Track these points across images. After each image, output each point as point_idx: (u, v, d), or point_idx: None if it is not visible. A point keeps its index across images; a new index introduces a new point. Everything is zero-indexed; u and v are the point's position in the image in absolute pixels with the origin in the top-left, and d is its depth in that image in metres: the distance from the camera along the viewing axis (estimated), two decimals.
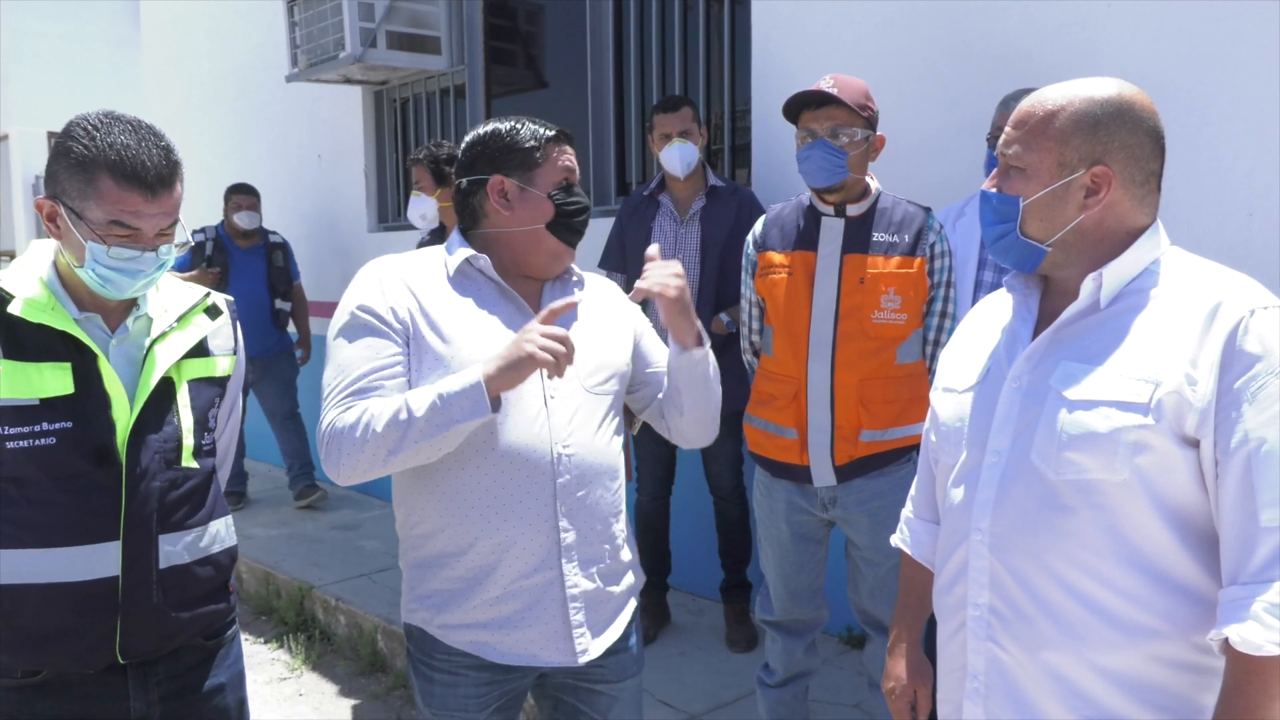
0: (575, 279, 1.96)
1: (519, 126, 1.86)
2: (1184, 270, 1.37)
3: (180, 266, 5.46)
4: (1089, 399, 1.31)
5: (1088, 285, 1.37)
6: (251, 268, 5.53)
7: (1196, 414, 1.25)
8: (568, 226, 1.87)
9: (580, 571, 1.83)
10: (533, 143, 1.85)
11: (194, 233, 5.55)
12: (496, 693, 1.87)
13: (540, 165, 1.85)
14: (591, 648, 1.86)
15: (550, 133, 1.87)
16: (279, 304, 5.61)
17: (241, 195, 5.53)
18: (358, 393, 1.73)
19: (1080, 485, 1.31)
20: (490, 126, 1.88)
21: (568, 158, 1.88)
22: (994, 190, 1.44)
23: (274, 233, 5.73)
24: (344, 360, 1.76)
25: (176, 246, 1.72)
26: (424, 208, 4.09)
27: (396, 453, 1.69)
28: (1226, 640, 1.21)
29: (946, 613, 1.51)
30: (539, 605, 1.81)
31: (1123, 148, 1.36)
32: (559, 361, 1.64)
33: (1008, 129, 1.42)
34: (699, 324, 1.91)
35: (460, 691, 1.85)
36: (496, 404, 1.67)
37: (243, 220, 5.48)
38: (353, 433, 1.70)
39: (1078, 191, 1.37)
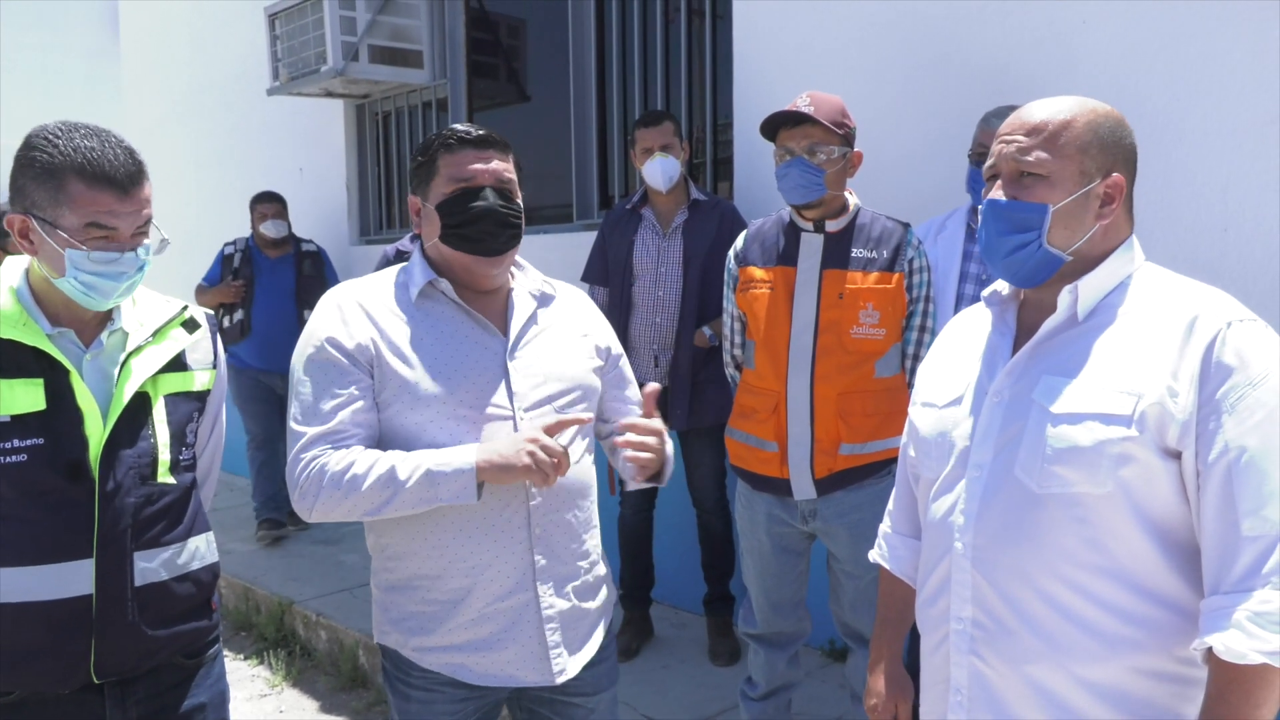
0: (546, 291, 1.93)
1: (425, 142, 1.82)
2: (1160, 285, 1.39)
3: (210, 281, 5.31)
4: (1073, 412, 1.32)
5: (1064, 298, 1.38)
6: (279, 279, 5.28)
7: (1178, 426, 1.27)
8: (460, 235, 1.77)
9: (555, 592, 1.83)
10: (423, 157, 1.81)
11: (225, 245, 5.38)
12: (472, 708, 1.87)
13: (434, 178, 1.80)
14: (569, 666, 1.85)
15: (447, 141, 1.78)
16: (307, 315, 5.28)
17: (266, 204, 5.30)
18: (331, 434, 1.72)
19: (1064, 498, 1.32)
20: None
21: (464, 165, 1.77)
22: (1009, 199, 1.39)
23: (307, 241, 5.48)
24: (312, 397, 1.74)
25: (153, 247, 1.72)
26: None
27: (375, 514, 1.70)
28: (1210, 649, 1.22)
29: (930, 626, 1.52)
30: (515, 627, 1.80)
31: (1125, 161, 1.39)
32: (550, 477, 1.67)
33: (1019, 136, 1.39)
34: (668, 468, 1.90)
35: (437, 709, 1.85)
36: (480, 491, 1.69)
37: (269, 229, 5.26)
38: (335, 483, 1.69)
39: (1094, 201, 1.38)
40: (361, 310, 1.79)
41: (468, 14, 5.28)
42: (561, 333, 1.91)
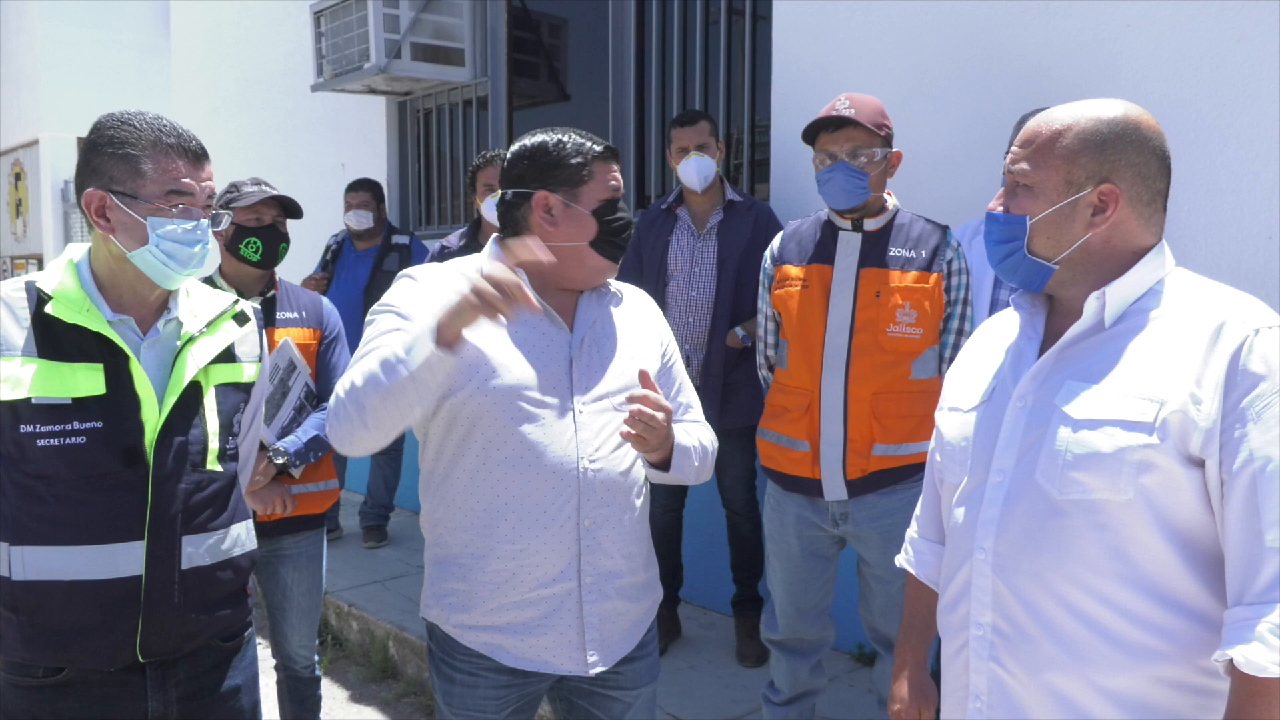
0: (612, 291, 1.98)
1: (565, 141, 1.86)
2: (1188, 290, 1.37)
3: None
4: (1094, 418, 1.31)
5: (1091, 304, 1.37)
6: (355, 273, 5.00)
7: (1201, 434, 1.25)
8: (612, 243, 1.88)
9: (599, 585, 1.85)
10: (578, 159, 1.85)
11: (330, 237, 5.22)
12: (515, 695, 1.89)
13: (586, 182, 1.85)
14: (603, 660, 1.88)
15: (598, 149, 1.87)
16: None
17: (352, 192, 5.04)
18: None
19: (1084, 505, 1.31)
20: (537, 139, 1.87)
21: (614, 175, 1.88)
22: (1000, 210, 1.45)
23: (401, 233, 5.13)
24: (362, 345, 1.79)
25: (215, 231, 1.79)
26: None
27: (384, 412, 1.63)
28: (1231, 661, 1.21)
29: (950, 632, 1.51)
30: (555, 615, 1.83)
31: (1130, 166, 1.37)
32: (495, 306, 1.57)
33: (1015, 148, 1.43)
34: (671, 442, 1.83)
35: (480, 693, 1.87)
36: (456, 347, 1.62)
37: (351, 220, 5.03)
38: (343, 402, 1.68)
39: (1085, 210, 1.37)
40: (436, 289, 1.81)
41: (509, 12, 5.32)
42: (626, 333, 1.95)
